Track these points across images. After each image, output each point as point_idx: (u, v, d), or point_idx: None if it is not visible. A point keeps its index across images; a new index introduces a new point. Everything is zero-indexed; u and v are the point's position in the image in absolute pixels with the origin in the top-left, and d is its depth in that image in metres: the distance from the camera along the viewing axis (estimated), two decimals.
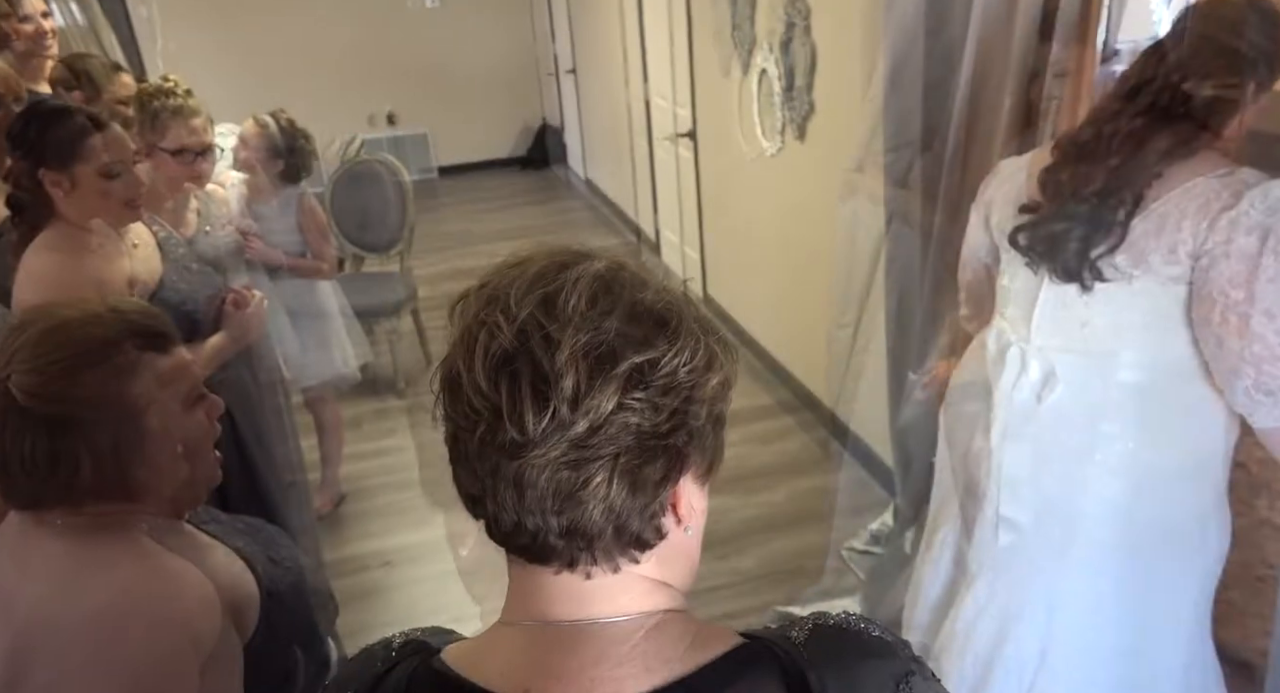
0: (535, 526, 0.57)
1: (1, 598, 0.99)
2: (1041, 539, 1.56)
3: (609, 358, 0.54)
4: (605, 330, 0.55)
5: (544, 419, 0.54)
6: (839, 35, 2.78)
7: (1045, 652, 1.60)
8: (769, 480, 3.09)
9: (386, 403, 3.88)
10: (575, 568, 0.59)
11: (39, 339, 0.96)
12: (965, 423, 1.66)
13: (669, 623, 0.61)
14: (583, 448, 0.54)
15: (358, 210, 4.08)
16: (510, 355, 0.55)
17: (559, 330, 0.54)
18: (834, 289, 2.50)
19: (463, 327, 0.58)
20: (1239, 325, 1.31)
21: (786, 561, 2.70)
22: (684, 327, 0.58)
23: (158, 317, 1.05)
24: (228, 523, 1.17)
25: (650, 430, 0.55)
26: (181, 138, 2.19)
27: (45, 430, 0.92)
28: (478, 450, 0.57)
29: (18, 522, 1.04)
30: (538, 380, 0.54)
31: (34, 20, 2.69)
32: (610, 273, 0.58)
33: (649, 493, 0.57)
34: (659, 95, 4.75)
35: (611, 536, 0.58)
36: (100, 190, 1.68)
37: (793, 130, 3.15)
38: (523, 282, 0.57)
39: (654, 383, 0.55)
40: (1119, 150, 1.38)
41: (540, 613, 0.61)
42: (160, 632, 0.92)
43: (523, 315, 0.55)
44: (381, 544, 2.94)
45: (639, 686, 0.58)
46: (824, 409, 3.39)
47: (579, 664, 0.59)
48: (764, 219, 3.61)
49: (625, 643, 0.60)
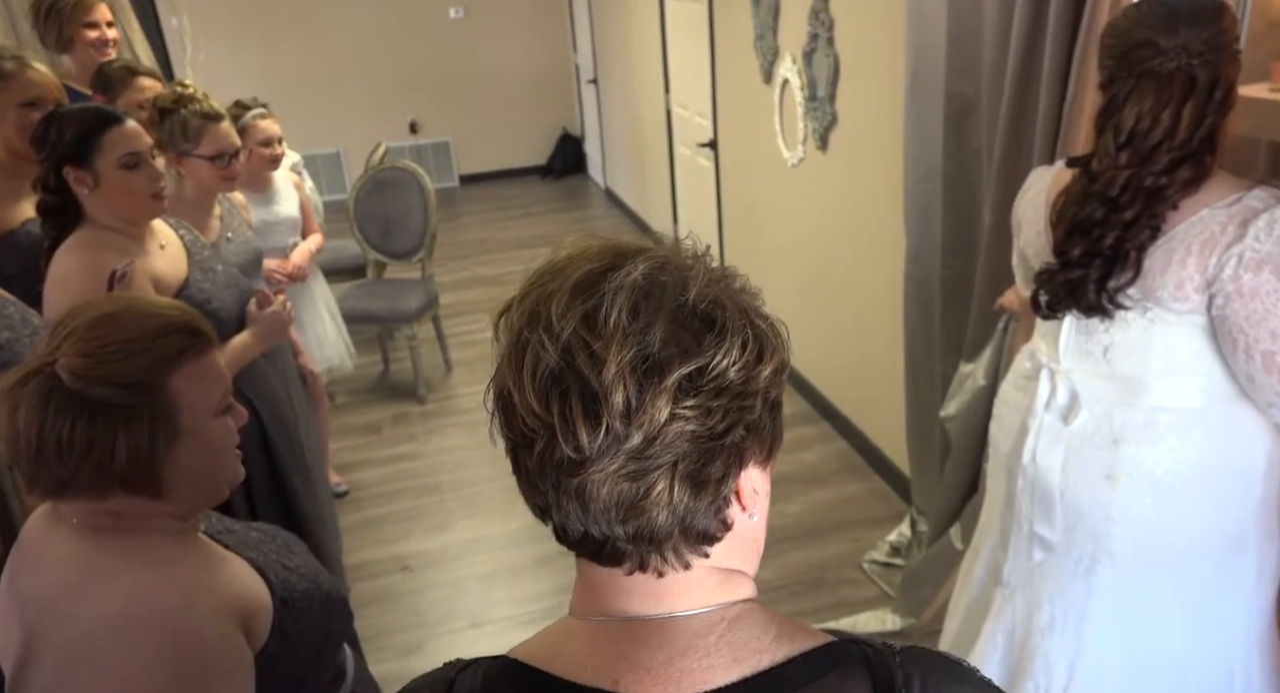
0: (602, 534, 0.57)
1: (19, 594, 1.01)
2: (1071, 556, 1.56)
3: (656, 370, 0.54)
4: (649, 342, 0.54)
5: (598, 436, 0.54)
6: (862, 46, 2.78)
7: (1074, 666, 1.60)
8: (787, 491, 3.08)
9: (407, 408, 3.90)
10: (647, 569, 0.60)
11: (90, 325, 0.98)
12: (1007, 436, 1.67)
13: (750, 613, 0.62)
14: (640, 460, 0.54)
15: (381, 217, 4.12)
16: (558, 375, 0.54)
17: (604, 347, 0.53)
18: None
19: (508, 344, 0.58)
20: (1265, 362, 1.31)
21: (805, 572, 2.69)
22: (731, 322, 0.56)
23: (200, 318, 1.08)
24: (241, 531, 1.18)
25: (706, 433, 0.55)
26: (218, 142, 2.22)
27: (87, 414, 0.94)
28: (538, 467, 0.57)
29: (38, 522, 1.06)
30: (587, 398, 0.54)
31: (99, 27, 2.76)
32: (649, 278, 0.56)
33: (712, 491, 0.57)
34: (680, 105, 4.77)
35: (679, 536, 0.58)
36: (122, 184, 1.71)
37: (815, 140, 3.16)
38: (563, 296, 0.56)
39: (705, 388, 0.54)
40: (1135, 204, 1.37)
41: (617, 609, 0.61)
42: (170, 641, 0.93)
43: (566, 333, 0.54)
44: (400, 549, 2.96)
45: (728, 675, 0.59)
46: (843, 420, 3.38)
47: (666, 657, 0.60)
48: (785, 228, 3.61)
49: (710, 635, 0.60)
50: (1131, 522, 1.49)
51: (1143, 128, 1.35)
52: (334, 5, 6.65)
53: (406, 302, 3.91)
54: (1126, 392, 1.47)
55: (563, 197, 7.20)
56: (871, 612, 2.46)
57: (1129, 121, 1.36)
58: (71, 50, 2.79)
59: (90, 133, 1.68)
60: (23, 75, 2.11)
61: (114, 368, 0.96)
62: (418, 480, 3.35)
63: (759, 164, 3.71)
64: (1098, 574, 1.54)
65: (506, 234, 6.21)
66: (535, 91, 7.31)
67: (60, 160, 1.68)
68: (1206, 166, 1.35)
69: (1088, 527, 1.53)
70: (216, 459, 1.06)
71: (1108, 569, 1.53)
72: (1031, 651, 1.63)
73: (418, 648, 2.49)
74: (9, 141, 2.09)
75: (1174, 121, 1.33)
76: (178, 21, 5.37)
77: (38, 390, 0.94)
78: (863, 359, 3.14)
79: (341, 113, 6.87)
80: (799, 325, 4.09)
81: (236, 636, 0.99)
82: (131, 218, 1.76)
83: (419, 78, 7.01)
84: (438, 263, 4.68)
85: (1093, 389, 1.50)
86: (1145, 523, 1.48)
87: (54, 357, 0.96)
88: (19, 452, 0.96)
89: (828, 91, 2.99)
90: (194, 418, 1.01)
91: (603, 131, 6.86)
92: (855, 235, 3.04)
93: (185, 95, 2.22)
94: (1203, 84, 1.31)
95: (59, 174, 1.69)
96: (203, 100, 2.23)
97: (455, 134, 7.31)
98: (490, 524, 3.02)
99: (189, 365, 1.02)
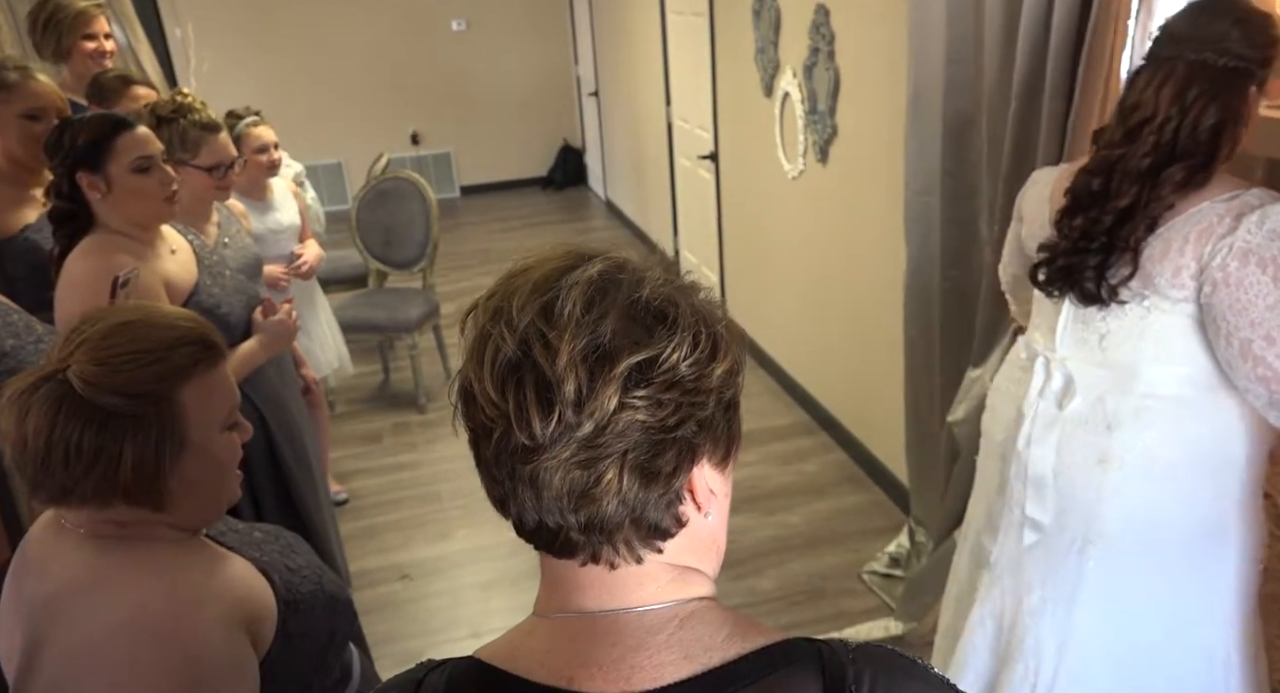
0: (555, 523, 0.59)
1: (23, 599, 1.01)
2: (1063, 539, 1.60)
3: (607, 359, 0.55)
4: (601, 333, 0.56)
5: (551, 423, 0.55)
6: (863, 60, 2.81)
7: (1063, 647, 1.63)
8: (786, 501, 3.09)
9: (407, 417, 3.91)
10: (599, 560, 0.61)
11: (104, 333, 0.98)
12: (1002, 425, 1.71)
13: (704, 611, 0.63)
14: (591, 448, 0.56)
15: (382, 227, 4.14)
16: (515, 364, 0.57)
17: (557, 337, 0.56)
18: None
19: (471, 338, 0.60)
20: (1242, 349, 1.36)
21: (805, 582, 2.69)
22: (683, 320, 0.58)
23: (212, 330, 1.08)
24: (244, 532, 1.18)
25: (657, 425, 0.56)
26: (216, 153, 2.22)
27: (97, 423, 0.94)
28: (494, 456, 0.59)
29: (42, 529, 1.06)
30: (541, 387, 0.56)
31: (98, 39, 2.77)
32: (607, 274, 0.59)
33: (662, 484, 0.58)
34: (681, 118, 4.80)
35: (630, 527, 0.59)
36: (135, 188, 1.72)
37: (815, 153, 3.18)
38: (524, 291, 0.59)
39: (655, 380, 0.56)
40: (1128, 191, 1.41)
41: (572, 605, 0.63)
42: (176, 649, 0.93)
43: (523, 325, 0.57)
44: (400, 558, 2.96)
45: (678, 672, 0.60)
46: (842, 431, 3.39)
47: (619, 653, 0.61)
48: (785, 241, 3.63)
49: (662, 632, 0.61)
50: (1122, 505, 1.53)
51: (1132, 102, 1.41)
52: (337, 17, 6.69)
53: (407, 311, 3.92)
54: (1120, 379, 1.51)
55: (563, 208, 7.22)
56: (874, 621, 2.47)
57: (1129, 99, 1.42)
58: (69, 61, 2.80)
59: (103, 138, 1.70)
60: (27, 86, 2.12)
61: (127, 377, 0.96)
62: (418, 489, 3.35)
63: (759, 177, 3.73)
64: (1088, 556, 1.57)
65: (507, 245, 6.23)
66: (536, 103, 7.35)
67: (73, 166, 1.69)
68: (1206, 169, 1.38)
69: (1079, 510, 1.56)
70: (219, 475, 1.06)
71: (1098, 551, 1.56)
72: (1021, 633, 1.66)
73: (418, 656, 2.46)
74: (11, 151, 2.11)
75: (1170, 105, 1.37)
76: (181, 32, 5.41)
77: (49, 397, 0.94)
78: (862, 370, 3.16)
79: (343, 123, 6.91)
80: (799, 337, 4.09)
81: (242, 641, 0.99)
82: (144, 222, 1.77)
83: (421, 89, 7.05)
84: (439, 273, 4.69)
85: (1087, 376, 1.54)
86: (1135, 506, 1.53)
87: (66, 364, 0.96)
88: (26, 457, 0.96)
89: (828, 105, 3.01)
90: (201, 431, 1.01)
91: (604, 143, 6.90)
92: (855, 248, 3.06)
93: (184, 105, 2.21)
94: (1222, 80, 1.35)
95: (72, 180, 1.70)
96: (201, 110, 2.23)
97: (456, 145, 7.34)
98: (490, 533, 3.02)
99: (200, 378, 1.02)
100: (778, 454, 3.38)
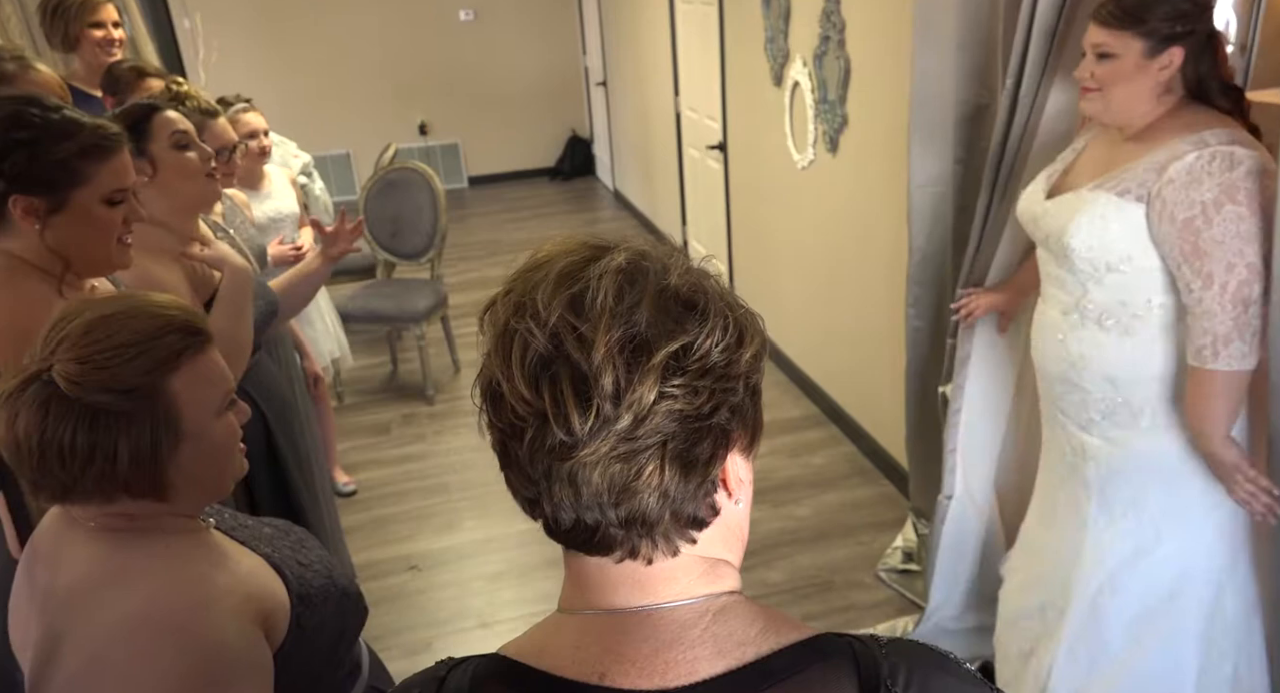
0: (594, 520, 0.58)
1: (37, 590, 1.01)
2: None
3: (644, 350, 0.55)
4: (636, 323, 0.55)
5: (589, 418, 0.54)
6: (874, 48, 2.78)
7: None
8: (796, 493, 3.08)
9: (415, 408, 3.91)
10: (637, 555, 0.60)
11: (85, 329, 0.96)
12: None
13: (736, 606, 0.63)
14: (630, 440, 0.55)
15: (390, 218, 4.14)
16: (547, 360, 0.56)
17: (591, 330, 0.55)
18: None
19: (494, 336, 0.59)
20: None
21: (814, 575, 2.68)
22: (712, 306, 0.58)
23: (197, 315, 1.06)
24: (254, 527, 1.17)
25: (693, 413, 0.56)
26: (216, 138, 2.21)
27: (87, 421, 0.92)
28: (529, 455, 0.57)
29: (52, 523, 1.05)
30: (578, 381, 0.55)
31: (105, 27, 2.77)
32: (632, 264, 0.58)
33: (700, 473, 0.58)
34: (690, 108, 4.78)
35: (670, 520, 0.58)
36: (178, 165, 1.70)
37: (825, 143, 3.16)
38: (548, 285, 0.58)
39: (690, 367, 0.56)
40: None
41: (604, 601, 0.62)
42: (190, 643, 0.92)
43: (553, 319, 0.56)
44: (408, 549, 2.96)
45: (713, 668, 0.59)
46: (851, 423, 3.37)
47: (653, 649, 0.60)
48: (794, 232, 3.61)
49: (696, 626, 0.61)
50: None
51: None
52: (345, 7, 6.68)
53: (415, 302, 3.92)
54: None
55: (571, 199, 7.21)
56: (884, 624, 2.46)
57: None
58: (78, 50, 2.80)
59: (139, 121, 1.69)
60: (25, 77, 2.11)
61: (111, 373, 0.94)
62: (426, 480, 3.35)
63: (768, 167, 3.71)
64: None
65: (516, 236, 6.22)
66: (545, 94, 7.33)
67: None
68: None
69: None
70: (221, 458, 1.05)
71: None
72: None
73: (426, 647, 2.50)
74: None
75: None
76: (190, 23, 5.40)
77: (35, 398, 0.92)
78: (872, 363, 3.14)
79: (351, 114, 6.90)
80: (808, 328, 4.08)
81: (256, 635, 0.98)
82: (190, 204, 1.75)
83: (429, 79, 7.03)
84: (447, 264, 4.69)
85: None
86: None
87: (49, 362, 0.94)
88: (21, 459, 0.94)
89: (838, 94, 2.99)
90: (196, 419, 1.00)
91: (612, 134, 6.87)
92: (865, 239, 3.04)
93: (181, 93, 2.21)
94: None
95: None
96: (197, 97, 2.23)
97: (464, 136, 7.33)
98: (498, 524, 3.02)
99: (188, 366, 0.99)
100: (786, 446, 3.37)
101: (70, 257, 1.38)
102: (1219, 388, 1.50)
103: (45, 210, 1.35)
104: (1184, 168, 1.46)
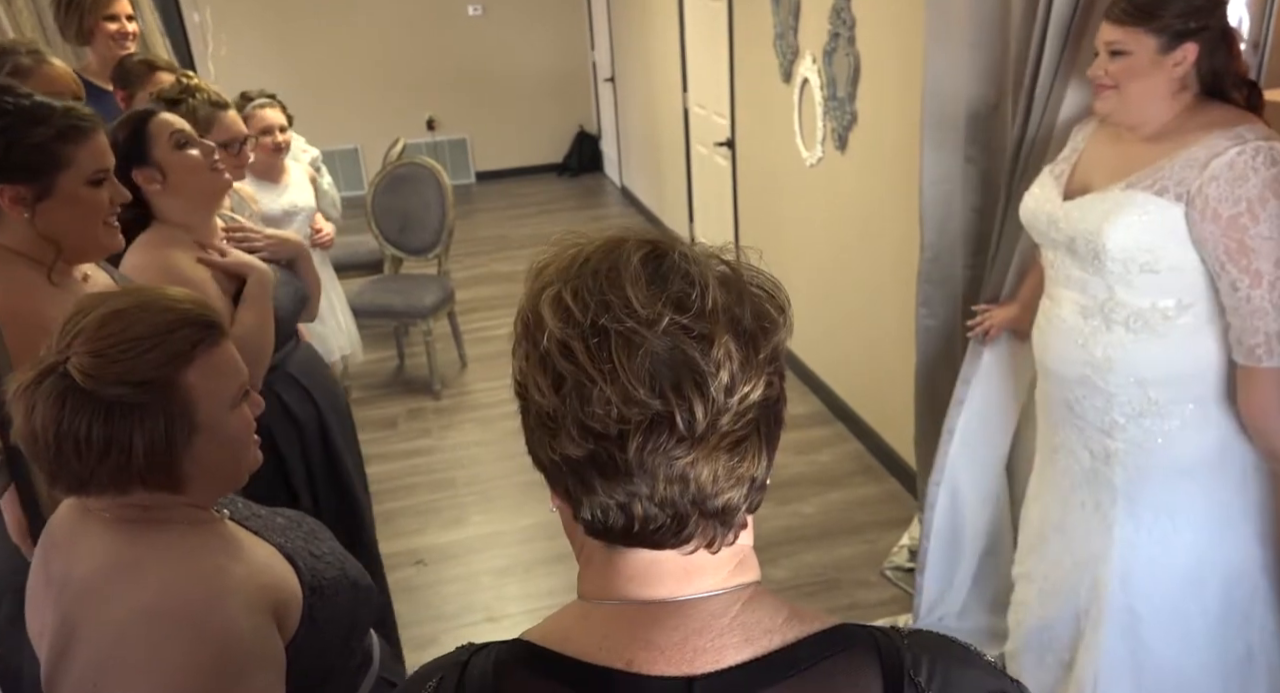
0: (685, 513, 0.58)
1: (52, 578, 1.01)
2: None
3: (752, 344, 0.58)
4: (741, 318, 0.58)
5: (709, 412, 0.56)
6: (884, 45, 2.77)
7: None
8: (801, 491, 3.08)
9: (422, 403, 3.92)
10: (713, 545, 0.61)
11: (99, 322, 0.97)
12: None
13: (762, 596, 0.64)
14: (736, 431, 0.57)
15: (398, 213, 4.14)
16: (663, 358, 0.56)
17: (707, 327, 0.56)
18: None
19: (571, 337, 0.56)
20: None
21: (819, 572, 2.68)
22: (781, 296, 0.62)
23: (212, 309, 1.06)
24: (267, 517, 1.17)
25: (775, 398, 0.60)
26: (227, 130, 2.21)
27: (103, 414, 0.93)
28: (638, 458, 0.56)
29: (68, 512, 1.06)
30: (697, 377, 0.56)
31: (119, 20, 2.77)
32: (708, 259, 0.61)
33: (770, 456, 0.60)
34: (698, 104, 4.77)
35: (744, 506, 0.60)
36: (183, 164, 1.70)
37: (834, 140, 3.15)
38: (631, 283, 0.57)
39: (778, 356, 0.60)
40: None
41: (644, 593, 0.62)
42: (204, 635, 0.93)
43: (664, 320, 0.56)
44: (415, 543, 2.97)
45: (739, 655, 0.60)
46: (857, 421, 3.37)
47: (681, 636, 0.61)
48: (802, 230, 3.61)
49: (725, 616, 0.62)
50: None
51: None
52: (354, 2, 6.68)
53: (423, 297, 3.92)
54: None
55: (579, 194, 7.21)
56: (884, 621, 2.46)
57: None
58: (92, 43, 2.80)
59: (137, 128, 1.69)
60: (40, 71, 2.12)
61: (126, 366, 0.94)
62: (432, 475, 3.36)
63: (777, 164, 3.70)
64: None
65: (523, 231, 6.22)
66: (553, 89, 7.32)
67: (126, 166, 1.66)
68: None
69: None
70: (236, 450, 1.06)
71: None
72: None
73: (432, 641, 2.50)
74: None
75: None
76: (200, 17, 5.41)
77: (52, 391, 0.93)
78: (879, 361, 3.13)
79: (360, 109, 6.90)
80: (815, 326, 4.06)
81: (269, 625, 0.99)
82: (203, 201, 1.76)
83: (437, 75, 7.03)
84: (454, 259, 4.69)
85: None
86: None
87: (65, 355, 0.95)
88: (38, 452, 0.95)
89: (848, 91, 2.98)
90: (210, 412, 1.00)
91: (619, 130, 6.87)
92: (874, 237, 3.03)
93: (190, 85, 2.21)
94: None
95: (129, 181, 1.65)
96: (206, 89, 2.24)
97: (472, 131, 7.33)
98: (504, 519, 3.03)
99: (202, 359, 1.00)
100: (792, 444, 3.37)
101: (61, 241, 1.40)
102: (1277, 386, 1.48)
103: (33, 197, 1.37)
104: (1225, 163, 1.44)
